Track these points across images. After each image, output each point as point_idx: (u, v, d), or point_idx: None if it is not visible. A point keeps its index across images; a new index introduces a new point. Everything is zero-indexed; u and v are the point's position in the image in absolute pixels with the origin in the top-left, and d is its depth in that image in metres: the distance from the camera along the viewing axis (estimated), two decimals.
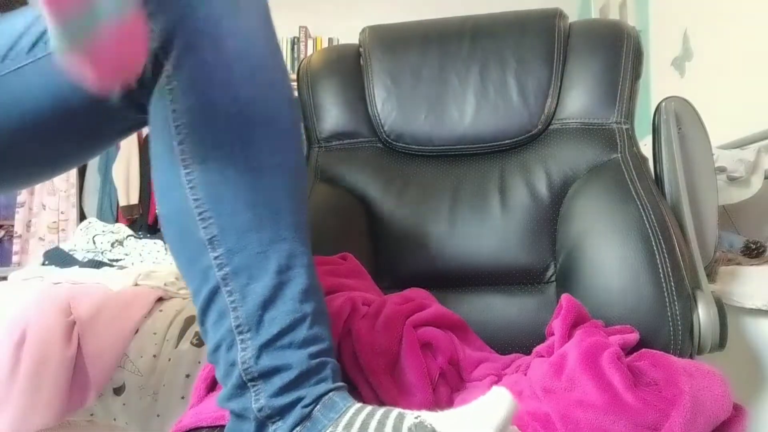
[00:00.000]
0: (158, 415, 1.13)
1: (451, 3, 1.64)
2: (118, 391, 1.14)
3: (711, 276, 1.00)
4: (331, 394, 0.47)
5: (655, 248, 0.71)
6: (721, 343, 0.69)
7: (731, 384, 0.54)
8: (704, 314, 0.70)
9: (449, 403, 0.60)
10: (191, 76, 0.47)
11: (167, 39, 0.46)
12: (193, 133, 0.47)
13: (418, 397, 0.58)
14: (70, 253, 1.57)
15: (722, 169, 1.21)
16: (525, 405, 0.56)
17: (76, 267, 1.46)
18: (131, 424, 1.14)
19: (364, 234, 0.89)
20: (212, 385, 0.63)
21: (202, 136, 0.47)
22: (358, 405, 0.47)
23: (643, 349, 0.62)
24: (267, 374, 0.47)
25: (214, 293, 0.48)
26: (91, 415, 1.15)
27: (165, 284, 1.28)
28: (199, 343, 1.12)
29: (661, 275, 0.70)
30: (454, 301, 0.81)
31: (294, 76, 1.02)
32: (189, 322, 1.17)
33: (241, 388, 0.48)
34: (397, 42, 0.97)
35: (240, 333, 0.47)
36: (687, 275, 0.71)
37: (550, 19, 0.93)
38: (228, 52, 0.47)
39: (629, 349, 0.64)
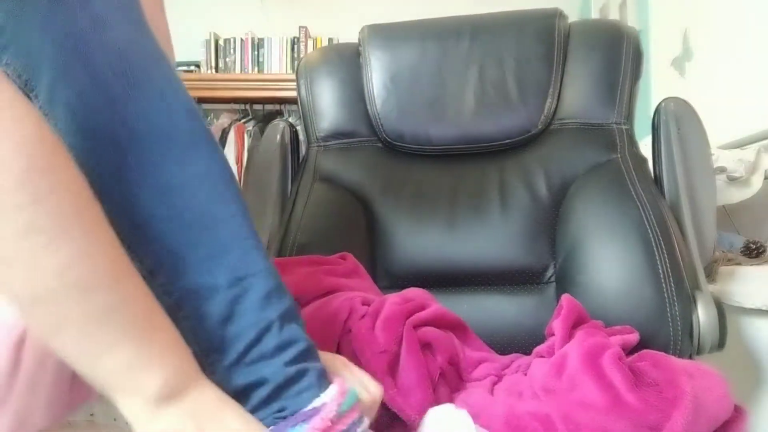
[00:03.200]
0: None
1: (452, 3, 1.64)
2: None
3: (711, 276, 1.00)
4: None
5: (654, 249, 0.72)
6: (721, 343, 0.69)
7: (731, 384, 0.54)
8: (704, 315, 0.69)
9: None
10: (68, 106, 0.41)
11: (32, 71, 0.40)
12: (84, 166, 0.41)
13: (418, 397, 0.57)
14: None
15: (722, 169, 1.21)
16: (525, 405, 0.56)
17: None
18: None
19: (363, 234, 0.88)
20: None
21: (95, 167, 0.42)
22: None
23: (644, 350, 0.62)
24: (242, 393, 0.44)
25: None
26: (91, 415, 1.14)
27: None
28: None
29: (661, 276, 0.70)
30: (453, 301, 0.81)
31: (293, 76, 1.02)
32: None
33: None
34: (397, 41, 0.96)
35: (206, 356, 0.45)
36: (686, 276, 0.71)
37: (550, 19, 0.93)
38: (103, 71, 0.42)
39: (629, 350, 0.64)
